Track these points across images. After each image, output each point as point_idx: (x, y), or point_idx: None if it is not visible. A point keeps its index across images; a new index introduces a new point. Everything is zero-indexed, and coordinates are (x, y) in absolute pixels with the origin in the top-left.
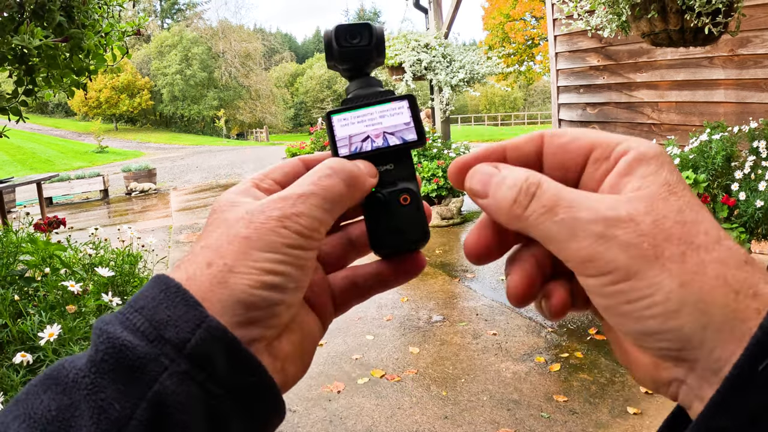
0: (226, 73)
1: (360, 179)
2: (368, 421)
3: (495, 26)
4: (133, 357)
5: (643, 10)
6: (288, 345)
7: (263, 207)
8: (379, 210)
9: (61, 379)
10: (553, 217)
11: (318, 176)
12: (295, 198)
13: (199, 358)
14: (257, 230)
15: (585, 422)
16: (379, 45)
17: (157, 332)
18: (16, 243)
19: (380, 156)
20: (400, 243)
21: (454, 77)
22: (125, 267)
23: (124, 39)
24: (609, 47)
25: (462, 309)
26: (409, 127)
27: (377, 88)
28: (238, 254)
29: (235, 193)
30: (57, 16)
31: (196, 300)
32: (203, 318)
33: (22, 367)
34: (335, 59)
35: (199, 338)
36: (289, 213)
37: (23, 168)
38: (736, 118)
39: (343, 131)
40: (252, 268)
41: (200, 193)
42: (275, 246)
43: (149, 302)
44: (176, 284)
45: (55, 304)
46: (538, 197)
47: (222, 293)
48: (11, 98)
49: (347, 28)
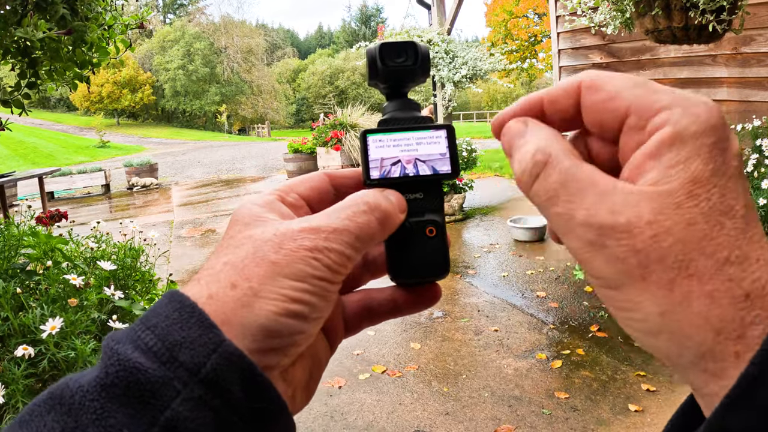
0: (228, 69)
1: (393, 218)
2: (369, 416)
3: (498, 23)
4: (144, 380)
5: (647, 6)
6: (300, 372)
7: (294, 234)
8: (403, 239)
9: (65, 400)
10: (551, 207)
11: (354, 212)
12: (329, 232)
13: (214, 383)
14: (287, 257)
15: (586, 419)
16: (424, 64)
17: (170, 354)
18: (17, 236)
19: (411, 184)
20: (420, 274)
21: (457, 73)
22: (127, 261)
23: (127, 32)
24: (612, 44)
25: (464, 305)
26: (444, 158)
27: (415, 112)
28: (265, 279)
29: (259, 206)
30: (60, 8)
31: (212, 322)
32: (220, 342)
33: (24, 360)
34: (379, 78)
35: (215, 363)
36: (322, 246)
37: (25, 162)
38: (739, 116)
39: (377, 153)
40: (278, 295)
41: (202, 188)
42: (304, 276)
43: (162, 321)
44: (191, 303)
45: (56, 297)
46: (542, 180)
47: (246, 317)
48: (14, 91)
49: (392, 47)
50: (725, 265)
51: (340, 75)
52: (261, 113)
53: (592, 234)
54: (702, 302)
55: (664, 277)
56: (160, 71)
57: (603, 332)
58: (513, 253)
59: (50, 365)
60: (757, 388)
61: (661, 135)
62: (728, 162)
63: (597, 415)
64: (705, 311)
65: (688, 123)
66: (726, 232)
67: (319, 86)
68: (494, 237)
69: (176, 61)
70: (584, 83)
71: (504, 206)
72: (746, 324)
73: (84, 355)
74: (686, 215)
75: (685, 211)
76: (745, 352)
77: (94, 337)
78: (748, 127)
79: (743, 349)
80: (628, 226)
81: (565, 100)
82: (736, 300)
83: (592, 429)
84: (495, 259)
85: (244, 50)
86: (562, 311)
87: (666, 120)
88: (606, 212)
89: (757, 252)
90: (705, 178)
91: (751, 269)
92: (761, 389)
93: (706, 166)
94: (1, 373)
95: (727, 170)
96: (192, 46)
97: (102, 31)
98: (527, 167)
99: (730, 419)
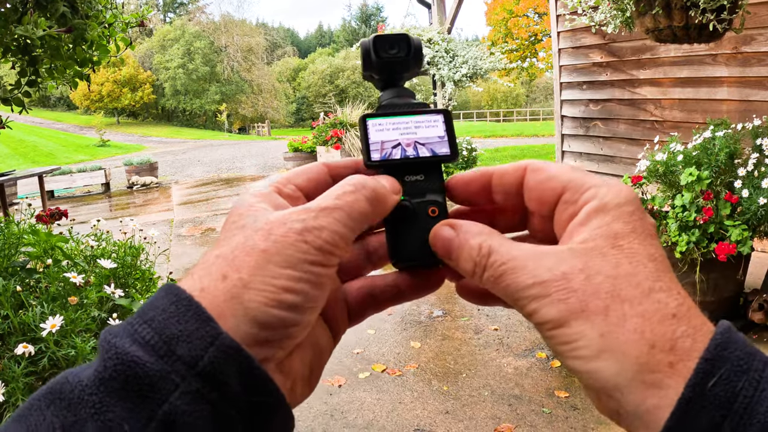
0: (229, 68)
1: (383, 197)
2: (369, 415)
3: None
4: (142, 374)
5: (647, 6)
6: (299, 363)
7: (284, 218)
8: (405, 220)
9: (65, 395)
10: (501, 283)
11: (341, 192)
12: (317, 211)
13: (211, 376)
14: (276, 243)
15: (586, 418)
16: (416, 56)
17: (167, 347)
18: (18, 234)
19: (411, 165)
20: (423, 256)
21: (457, 72)
22: (127, 259)
23: (128, 30)
24: (612, 44)
25: (463, 304)
26: (443, 141)
27: (411, 99)
28: (255, 268)
29: (254, 196)
30: (60, 6)
31: (208, 315)
32: (217, 335)
33: (24, 358)
34: (373, 69)
35: (213, 356)
36: (311, 226)
37: (25, 161)
38: (740, 115)
39: (377, 136)
40: (269, 285)
41: (202, 187)
42: (294, 261)
43: (159, 314)
44: (188, 296)
45: (56, 295)
46: (489, 267)
47: (236, 309)
48: (14, 89)
49: (385, 39)
50: (652, 292)
51: (340, 74)
52: (261, 112)
53: (537, 289)
54: (635, 321)
55: (600, 305)
56: (161, 70)
57: None
58: None
59: (50, 363)
60: (692, 410)
61: (588, 208)
62: (645, 224)
63: (597, 414)
64: (639, 328)
65: (612, 197)
66: (648, 270)
67: (319, 85)
68: None
69: (176, 60)
70: (530, 166)
71: None
72: (676, 337)
73: (84, 353)
74: (612, 260)
75: (610, 257)
76: (677, 362)
77: (94, 335)
78: (749, 126)
79: (675, 360)
80: (564, 274)
81: (512, 177)
82: (664, 318)
83: (592, 428)
84: None
85: (244, 49)
86: None
87: (593, 196)
88: (545, 271)
89: (678, 288)
90: (625, 233)
91: (674, 296)
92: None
93: (626, 226)
94: (2, 371)
95: (645, 230)
96: (192, 45)
97: (102, 30)
98: (476, 261)
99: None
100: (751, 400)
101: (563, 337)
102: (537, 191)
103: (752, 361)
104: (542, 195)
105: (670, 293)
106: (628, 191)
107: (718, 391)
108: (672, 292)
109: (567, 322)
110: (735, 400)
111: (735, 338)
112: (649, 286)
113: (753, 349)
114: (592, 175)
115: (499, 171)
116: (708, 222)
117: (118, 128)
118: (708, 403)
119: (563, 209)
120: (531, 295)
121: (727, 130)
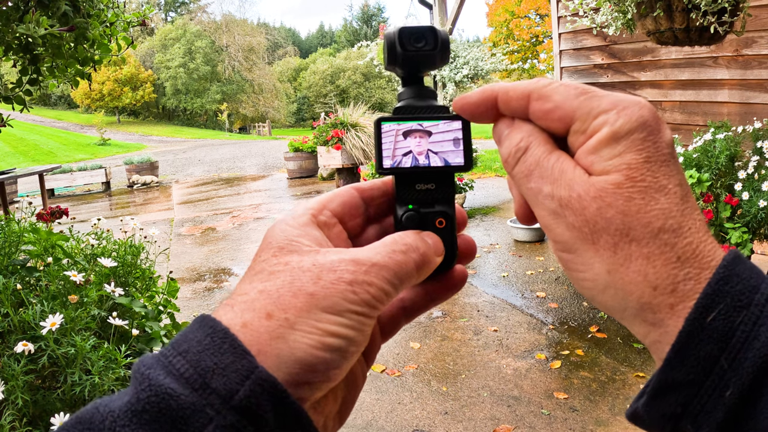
0: (230, 67)
1: (430, 262)
2: (368, 415)
3: (499, 23)
4: (176, 407)
5: (648, 8)
6: (333, 402)
7: (334, 265)
8: (413, 229)
9: (95, 425)
10: (527, 182)
11: (393, 249)
12: (369, 266)
13: (247, 410)
14: (325, 289)
15: (585, 419)
16: (443, 50)
17: (202, 380)
18: (18, 232)
19: (422, 174)
20: None
21: (458, 73)
22: (127, 258)
23: (129, 29)
24: (613, 45)
25: (463, 305)
26: (457, 150)
27: (431, 101)
28: (302, 311)
29: (294, 228)
30: (62, 5)
31: (245, 348)
32: (253, 368)
33: (24, 356)
34: (397, 63)
35: (249, 390)
36: (361, 280)
37: (25, 159)
38: (740, 118)
39: (391, 142)
40: (315, 328)
41: (202, 187)
42: (342, 309)
43: (194, 346)
44: (223, 329)
45: (57, 294)
46: (522, 161)
47: (281, 349)
48: (15, 87)
49: (411, 31)
50: (660, 232)
51: (341, 74)
52: (262, 112)
53: (554, 205)
54: (640, 262)
55: (609, 241)
56: (162, 69)
57: (602, 333)
58: (513, 254)
59: (50, 362)
60: (690, 344)
61: (599, 136)
62: (660, 150)
63: (596, 416)
64: (643, 270)
65: (623, 122)
66: (660, 206)
67: (320, 85)
68: (494, 237)
69: (177, 59)
70: (533, 94)
71: (504, 206)
72: (678, 281)
73: (84, 351)
74: (624, 193)
75: (623, 190)
76: (677, 303)
77: (94, 333)
78: (749, 129)
79: (676, 302)
80: (579, 199)
81: (516, 104)
82: (668, 261)
83: (591, 429)
84: (495, 259)
85: (245, 49)
86: (561, 312)
87: (604, 122)
88: (563, 188)
89: (689, 222)
90: (638, 164)
91: (684, 236)
92: (695, 345)
93: (639, 155)
94: (1, 369)
95: (659, 157)
96: (193, 45)
97: (104, 28)
98: (512, 151)
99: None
100: (749, 335)
101: (574, 264)
102: (544, 122)
103: (754, 295)
104: (550, 126)
105: (680, 232)
106: (640, 111)
107: (717, 325)
108: (683, 230)
109: (578, 250)
110: (733, 334)
111: (739, 270)
112: (658, 225)
113: (757, 281)
114: (600, 97)
115: (503, 95)
116: (708, 224)
117: (119, 127)
118: (706, 336)
119: (575, 139)
120: (549, 208)
121: (728, 132)
